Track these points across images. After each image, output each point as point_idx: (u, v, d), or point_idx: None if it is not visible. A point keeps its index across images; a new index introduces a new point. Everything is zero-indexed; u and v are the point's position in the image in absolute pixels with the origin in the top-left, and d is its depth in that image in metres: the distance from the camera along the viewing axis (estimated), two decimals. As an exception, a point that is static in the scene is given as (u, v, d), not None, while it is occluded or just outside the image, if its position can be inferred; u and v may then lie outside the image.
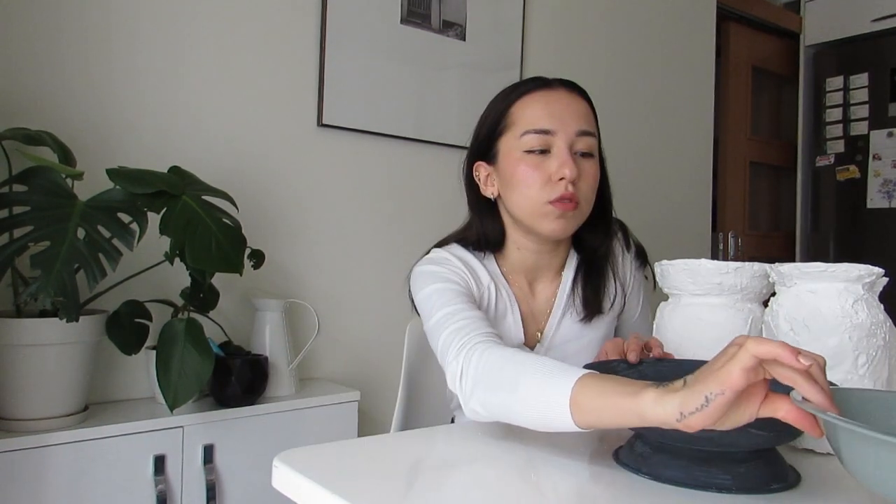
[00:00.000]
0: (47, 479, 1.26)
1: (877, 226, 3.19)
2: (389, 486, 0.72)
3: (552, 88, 1.09)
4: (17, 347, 1.25)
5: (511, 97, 1.10)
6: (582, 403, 0.71)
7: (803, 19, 3.46)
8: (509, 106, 1.09)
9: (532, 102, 1.08)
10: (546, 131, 1.05)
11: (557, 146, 1.05)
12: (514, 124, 1.08)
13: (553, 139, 1.06)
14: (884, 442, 0.52)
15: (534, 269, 1.15)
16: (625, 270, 1.19)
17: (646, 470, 0.73)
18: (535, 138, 1.05)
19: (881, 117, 3.20)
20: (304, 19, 1.84)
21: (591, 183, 1.09)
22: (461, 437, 0.92)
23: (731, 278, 1.01)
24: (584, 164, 1.08)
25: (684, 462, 0.70)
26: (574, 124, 1.06)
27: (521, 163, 1.06)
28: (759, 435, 0.66)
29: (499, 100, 1.12)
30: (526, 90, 1.09)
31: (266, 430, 1.53)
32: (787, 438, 0.70)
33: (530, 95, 1.08)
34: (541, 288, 1.17)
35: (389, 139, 2.00)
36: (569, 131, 1.06)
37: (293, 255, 1.83)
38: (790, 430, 0.66)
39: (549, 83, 1.10)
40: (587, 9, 2.52)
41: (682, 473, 0.70)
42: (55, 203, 1.26)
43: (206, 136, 1.69)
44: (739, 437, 0.65)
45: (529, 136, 1.06)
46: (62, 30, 1.50)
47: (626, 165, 2.66)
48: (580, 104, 1.10)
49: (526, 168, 1.05)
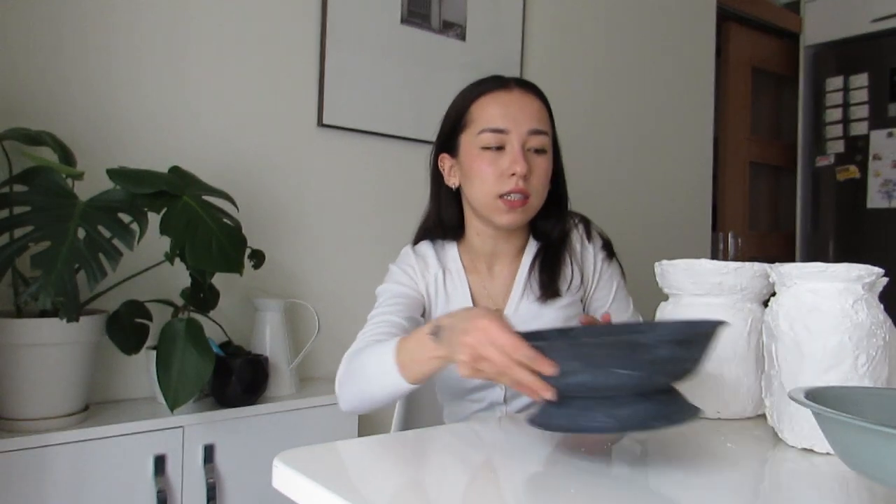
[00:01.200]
0: (47, 479, 1.26)
1: (877, 226, 3.19)
2: (389, 486, 0.72)
3: (508, 89, 1.18)
4: (17, 347, 1.25)
5: (470, 96, 1.19)
6: (403, 362, 0.91)
7: (803, 19, 3.46)
8: (469, 104, 1.19)
9: (489, 102, 1.17)
10: (501, 130, 1.15)
11: (511, 144, 1.15)
12: (472, 122, 1.17)
13: (507, 137, 1.15)
14: (881, 433, 0.52)
15: (492, 253, 1.24)
16: (584, 259, 1.26)
17: (539, 421, 0.78)
18: (491, 136, 1.15)
19: (881, 117, 3.20)
20: (304, 19, 1.84)
21: (542, 177, 1.17)
22: (461, 437, 0.92)
23: (731, 278, 1.01)
24: (535, 160, 1.16)
25: (573, 411, 0.75)
26: (527, 124, 1.15)
27: (478, 158, 1.16)
28: (624, 374, 0.71)
29: (460, 98, 1.21)
30: (485, 90, 1.18)
31: (266, 430, 1.53)
32: (658, 379, 0.74)
33: (488, 96, 1.17)
34: (499, 270, 1.26)
35: (389, 139, 2.00)
36: (521, 130, 1.15)
37: (293, 255, 1.83)
38: (657, 369, 0.72)
39: (506, 84, 1.19)
40: (587, 9, 2.52)
41: (567, 421, 0.75)
42: (55, 203, 1.26)
43: (206, 136, 1.69)
44: (608, 380, 0.71)
45: (486, 135, 1.15)
46: (63, 30, 1.50)
47: (626, 165, 2.66)
48: (534, 104, 1.18)
49: (482, 163, 1.15)
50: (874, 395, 0.71)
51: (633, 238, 2.63)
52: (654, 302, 1.13)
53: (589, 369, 0.71)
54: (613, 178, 2.61)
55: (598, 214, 1.30)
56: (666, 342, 0.70)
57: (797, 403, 0.63)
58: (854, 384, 0.82)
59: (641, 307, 1.61)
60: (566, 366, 0.71)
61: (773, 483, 0.79)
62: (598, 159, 2.55)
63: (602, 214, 2.52)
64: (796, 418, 0.85)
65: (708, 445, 0.90)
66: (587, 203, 2.41)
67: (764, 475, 0.83)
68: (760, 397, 0.98)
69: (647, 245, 2.66)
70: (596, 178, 2.54)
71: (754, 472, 0.83)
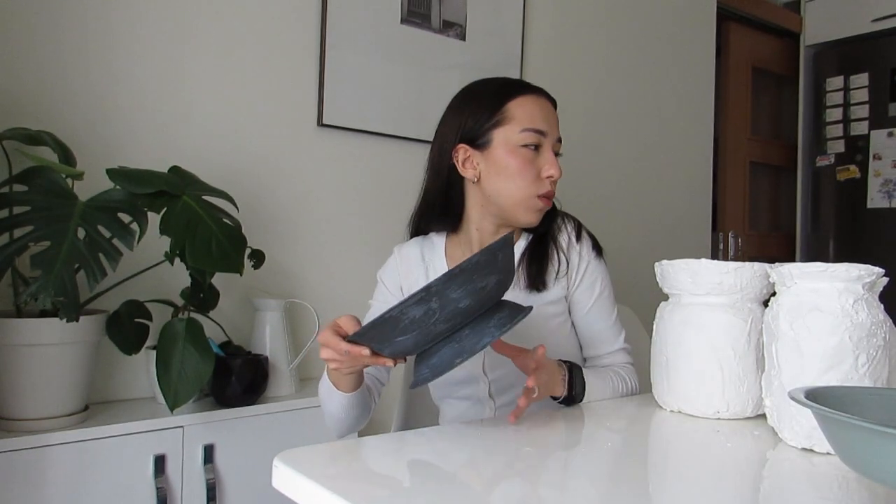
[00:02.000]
0: (47, 479, 1.26)
1: (877, 226, 3.19)
2: (389, 486, 0.72)
3: (540, 95, 1.22)
4: (17, 347, 1.24)
5: (506, 94, 1.20)
6: (334, 379, 1.07)
7: (803, 19, 3.46)
8: (505, 101, 1.19)
9: (529, 103, 1.19)
10: (542, 132, 1.18)
11: (546, 146, 1.19)
12: (512, 119, 1.18)
13: (544, 139, 1.19)
14: (881, 433, 0.52)
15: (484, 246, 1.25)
16: (570, 253, 1.25)
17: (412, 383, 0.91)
18: (533, 136, 1.17)
19: (881, 117, 3.20)
20: (304, 19, 1.84)
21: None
22: (461, 437, 0.92)
23: (731, 278, 1.01)
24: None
25: (415, 367, 0.91)
26: (556, 130, 1.21)
27: (517, 156, 1.17)
28: (401, 340, 0.84)
29: (488, 94, 1.21)
30: (521, 90, 1.20)
31: (266, 430, 1.53)
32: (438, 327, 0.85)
33: (526, 97, 1.20)
34: None
35: (389, 139, 2.00)
36: (553, 135, 1.21)
37: (293, 255, 1.83)
38: (421, 327, 0.83)
39: (536, 89, 1.22)
40: (587, 9, 2.52)
41: (413, 377, 0.90)
42: (55, 203, 1.26)
43: (206, 136, 1.69)
44: (402, 345, 0.86)
45: (528, 133, 1.17)
46: (63, 30, 1.50)
47: (626, 165, 2.66)
48: (554, 112, 1.24)
49: (521, 161, 1.17)
50: (874, 395, 0.71)
51: (633, 238, 2.63)
52: (654, 302, 1.13)
53: (383, 344, 0.87)
54: (613, 177, 2.61)
55: (598, 214, 1.30)
56: (406, 309, 0.81)
57: (797, 403, 0.63)
58: (854, 384, 0.82)
59: (641, 307, 1.61)
60: (376, 346, 0.87)
61: (773, 483, 0.79)
62: (597, 159, 2.55)
63: (602, 214, 2.53)
64: (796, 418, 0.85)
65: (708, 445, 0.90)
66: (587, 203, 2.42)
67: (764, 475, 0.83)
68: (760, 397, 0.98)
69: (647, 245, 2.66)
70: (596, 177, 2.54)
71: (754, 472, 0.83)
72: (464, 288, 0.82)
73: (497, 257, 0.84)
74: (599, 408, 1.09)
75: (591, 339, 1.26)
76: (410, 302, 0.80)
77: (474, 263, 0.81)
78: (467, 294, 0.83)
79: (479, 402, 1.25)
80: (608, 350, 1.26)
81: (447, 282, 0.80)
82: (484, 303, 0.87)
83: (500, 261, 0.85)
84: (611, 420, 1.04)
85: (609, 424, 1.02)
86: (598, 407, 1.10)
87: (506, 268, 0.88)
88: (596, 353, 1.27)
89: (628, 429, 1.01)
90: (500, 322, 0.87)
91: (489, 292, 0.86)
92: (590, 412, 1.06)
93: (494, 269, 0.84)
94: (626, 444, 0.90)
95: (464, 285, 0.82)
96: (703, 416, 1.01)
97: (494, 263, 0.84)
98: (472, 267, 0.81)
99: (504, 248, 0.85)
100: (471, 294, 0.83)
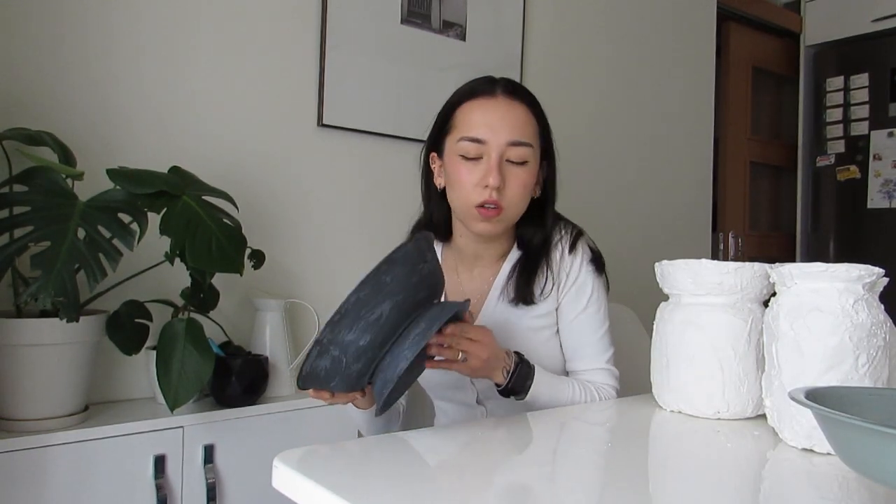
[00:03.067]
0: (47, 479, 1.26)
1: (877, 226, 3.19)
2: (389, 486, 0.72)
3: (493, 96, 1.16)
4: (17, 347, 1.24)
5: (457, 100, 1.19)
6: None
7: (803, 19, 3.46)
8: (454, 109, 1.19)
9: (472, 109, 1.16)
10: (478, 140, 1.14)
11: (488, 154, 1.13)
12: (455, 127, 1.17)
13: (485, 148, 1.13)
14: (881, 433, 0.52)
15: (475, 255, 1.26)
16: (561, 267, 1.22)
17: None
18: (469, 146, 1.14)
19: (881, 117, 3.20)
20: (304, 19, 1.84)
21: (519, 189, 1.15)
22: (461, 437, 0.92)
23: (731, 278, 1.01)
24: (513, 171, 1.14)
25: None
26: (507, 134, 1.14)
27: (457, 164, 1.16)
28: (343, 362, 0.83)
29: (450, 99, 1.21)
30: (470, 95, 1.17)
31: (266, 430, 1.53)
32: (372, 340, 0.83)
33: (472, 102, 1.17)
34: (479, 273, 1.27)
35: (389, 139, 2.00)
36: (500, 141, 1.13)
37: (293, 255, 1.83)
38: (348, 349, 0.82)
39: (492, 90, 1.17)
40: (587, 9, 2.52)
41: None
42: (55, 203, 1.26)
43: (206, 136, 1.69)
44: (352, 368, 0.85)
45: (464, 143, 1.14)
46: (63, 30, 1.50)
47: (625, 165, 2.66)
48: (519, 112, 1.16)
49: (460, 170, 1.15)
50: (875, 395, 0.71)
51: (633, 238, 2.63)
52: (655, 302, 1.13)
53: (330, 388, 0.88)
54: (613, 178, 2.61)
55: (598, 215, 1.30)
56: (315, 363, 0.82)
57: (797, 403, 0.63)
58: (854, 384, 0.82)
59: (641, 307, 1.61)
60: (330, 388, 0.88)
61: (773, 483, 0.79)
62: (597, 159, 2.55)
63: (602, 215, 2.53)
64: (796, 418, 0.85)
65: (708, 445, 0.90)
66: (587, 204, 2.42)
67: (764, 475, 0.83)
68: (760, 397, 0.98)
69: (647, 245, 2.66)
70: (596, 178, 2.54)
71: (754, 472, 0.83)
72: (355, 327, 0.80)
73: (382, 282, 0.81)
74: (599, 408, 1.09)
75: (573, 353, 1.23)
76: (312, 357, 0.81)
77: (352, 303, 0.79)
78: (363, 331, 0.81)
79: (471, 407, 1.26)
80: (589, 367, 1.22)
81: (332, 329, 0.79)
82: (394, 327, 0.84)
83: (388, 283, 0.81)
84: (611, 420, 1.04)
85: (609, 424, 1.02)
86: (598, 407, 1.10)
87: (403, 286, 0.83)
88: (575, 367, 1.23)
89: (628, 428, 1.01)
90: (414, 341, 0.84)
91: (389, 319, 0.82)
92: (590, 412, 1.07)
93: (382, 295, 0.81)
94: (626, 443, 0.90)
95: (353, 325, 0.80)
96: (704, 416, 1.01)
97: (379, 292, 0.80)
98: (352, 307, 0.79)
99: (391, 270, 0.81)
100: (368, 329, 0.81)
